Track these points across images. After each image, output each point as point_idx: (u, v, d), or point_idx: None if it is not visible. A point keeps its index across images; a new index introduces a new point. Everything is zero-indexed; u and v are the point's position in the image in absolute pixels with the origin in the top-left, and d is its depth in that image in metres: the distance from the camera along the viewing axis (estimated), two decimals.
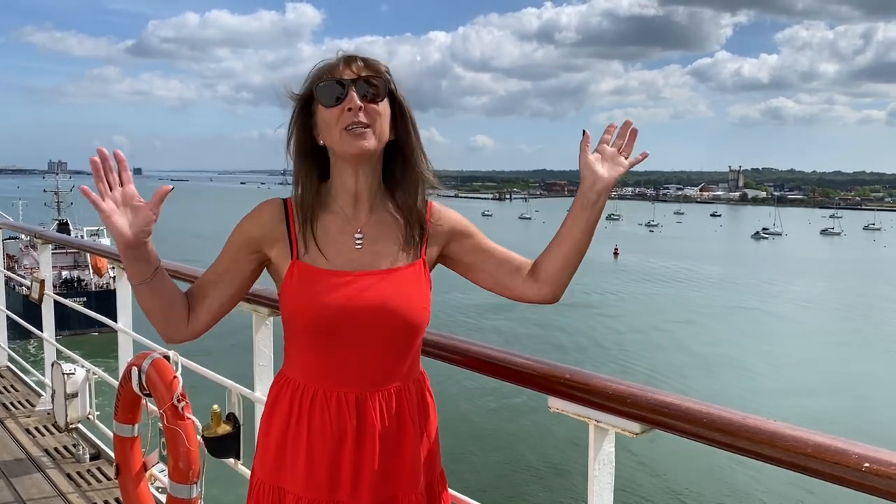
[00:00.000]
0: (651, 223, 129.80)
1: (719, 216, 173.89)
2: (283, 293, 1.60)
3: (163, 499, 3.06)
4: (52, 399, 4.34)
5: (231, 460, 2.70)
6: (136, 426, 3.10)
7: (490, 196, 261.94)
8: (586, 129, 1.58)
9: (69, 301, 5.72)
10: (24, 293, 5.07)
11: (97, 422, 4.19)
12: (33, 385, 5.40)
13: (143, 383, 2.80)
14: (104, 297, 33.77)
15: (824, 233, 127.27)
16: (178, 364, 2.85)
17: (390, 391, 1.60)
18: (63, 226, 46.03)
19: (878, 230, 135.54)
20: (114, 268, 4.48)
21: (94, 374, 4.26)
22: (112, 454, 3.44)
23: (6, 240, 7.01)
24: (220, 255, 1.66)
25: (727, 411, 1.35)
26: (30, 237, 6.36)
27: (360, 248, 1.60)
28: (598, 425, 1.56)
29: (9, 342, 5.95)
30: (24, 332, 5.74)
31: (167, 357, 2.84)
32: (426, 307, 1.61)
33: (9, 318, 5.72)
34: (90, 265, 40.76)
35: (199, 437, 2.69)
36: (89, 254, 32.17)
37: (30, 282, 5.02)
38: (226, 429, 2.57)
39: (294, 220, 1.61)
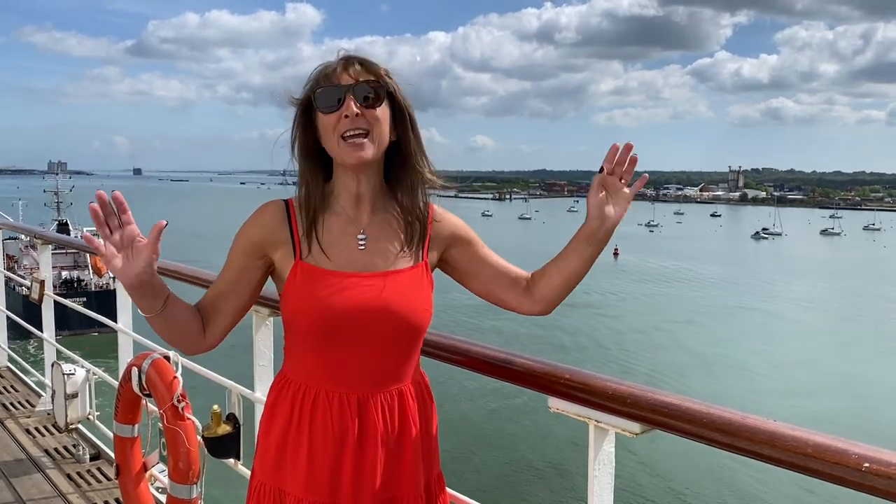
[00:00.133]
0: (651, 223, 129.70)
1: (719, 216, 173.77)
2: (286, 293, 1.60)
3: (163, 499, 3.06)
4: (52, 399, 4.34)
5: (231, 461, 2.70)
6: (137, 426, 3.10)
7: (490, 196, 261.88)
8: (605, 166, 1.56)
9: (69, 301, 5.72)
10: (24, 293, 5.07)
11: (97, 422, 4.19)
12: (33, 385, 5.40)
13: (144, 383, 2.80)
14: (104, 298, 33.78)
15: (824, 233, 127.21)
16: (178, 364, 2.85)
17: (392, 392, 1.60)
18: (63, 226, 45.98)
19: (878, 230, 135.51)
20: None
21: (94, 374, 4.26)
22: (112, 454, 3.44)
23: (6, 240, 7.02)
24: (227, 265, 1.65)
25: (727, 411, 1.35)
26: (30, 237, 6.36)
27: (363, 248, 1.60)
28: (598, 425, 1.56)
29: (9, 342, 5.96)
30: (24, 332, 5.74)
31: (167, 357, 2.85)
32: (428, 309, 1.61)
33: (9, 318, 5.72)
34: (90, 265, 40.72)
35: (199, 438, 2.69)
36: (89, 254, 32.14)
37: (30, 282, 5.02)
38: (226, 429, 2.57)
39: (296, 221, 1.61)
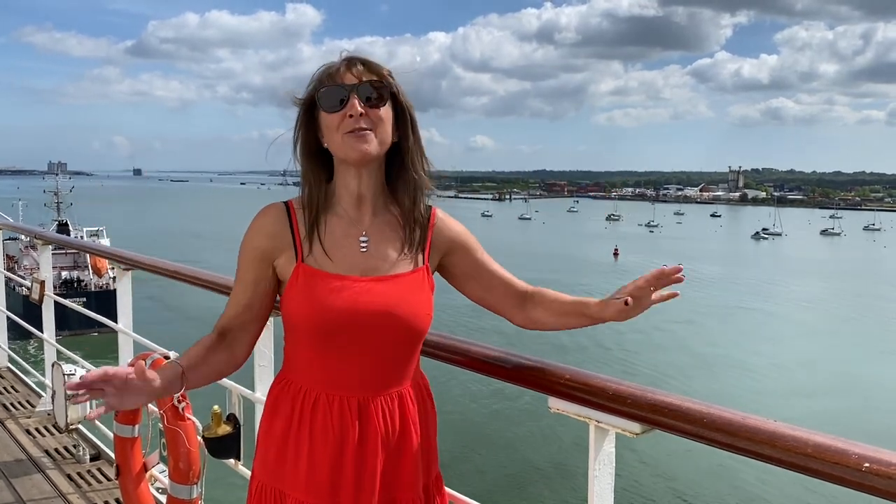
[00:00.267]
0: (651, 223, 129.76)
1: (719, 216, 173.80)
2: (286, 296, 1.59)
3: (163, 499, 3.06)
4: (53, 400, 4.34)
5: (231, 461, 2.70)
6: (137, 427, 3.10)
7: (490, 196, 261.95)
8: (642, 282, 1.52)
9: (69, 301, 5.72)
10: (24, 294, 5.07)
11: (97, 422, 4.19)
12: (33, 386, 5.40)
13: None
14: (104, 298, 33.78)
15: (824, 233, 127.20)
16: None
17: (392, 395, 1.60)
18: (63, 226, 45.99)
19: (878, 230, 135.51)
20: (113, 268, 4.48)
21: None
22: (112, 455, 3.45)
23: (6, 240, 7.01)
24: (239, 279, 1.64)
25: (727, 411, 1.35)
26: (30, 238, 6.36)
27: (364, 251, 1.59)
28: (598, 426, 1.56)
29: (9, 343, 5.96)
30: (25, 332, 5.74)
31: (167, 357, 2.84)
32: (429, 313, 1.61)
33: (9, 318, 5.72)
34: (90, 265, 40.73)
35: (199, 438, 2.69)
36: (89, 254, 32.17)
37: (30, 283, 5.02)
38: (226, 429, 2.57)
39: (297, 222, 1.60)
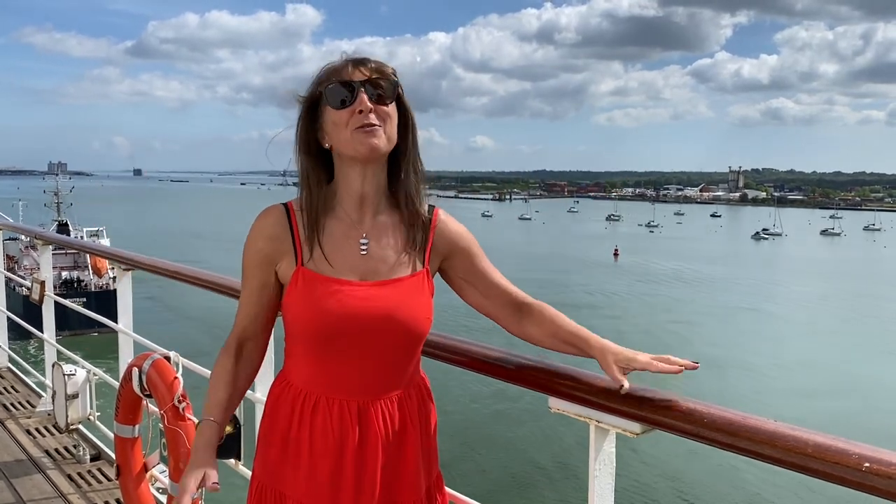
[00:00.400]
0: (651, 224, 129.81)
1: (719, 217, 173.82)
2: (286, 299, 1.58)
3: (163, 499, 3.06)
4: (53, 400, 4.34)
5: (231, 461, 2.70)
6: (137, 427, 3.10)
7: (490, 197, 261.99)
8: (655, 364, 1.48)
9: (69, 302, 5.72)
10: (25, 294, 5.07)
11: (98, 423, 4.19)
12: (34, 386, 5.40)
13: (144, 384, 2.80)
14: (104, 298, 33.80)
15: (824, 233, 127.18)
16: (179, 365, 2.85)
17: (392, 398, 1.60)
18: (63, 227, 46.00)
19: (879, 230, 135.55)
20: (113, 268, 4.48)
21: (95, 374, 4.26)
22: (113, 455, 3.45)
23: (6, 241, 7.01)
24: (246, 286, 1.64)
25: (728, 411, 1.34)
26: (30, 238, 6.37)
27: (364, 253, 1.58)
28: (598, 426, 1.55)
29: (9, 343, 5.96)
30: (25, 332, 5.74)
31: (168, 358, 2.85)
32: (428, 317, 1.60)
33: (9, 318, 5.72)
34: (90, 266, 40.75)
35: None
36: (89, 254, 32.18)
37: (30, 283, 5.02)
38: (226, 429, 2.57)
39: (297, 224, 1.58)
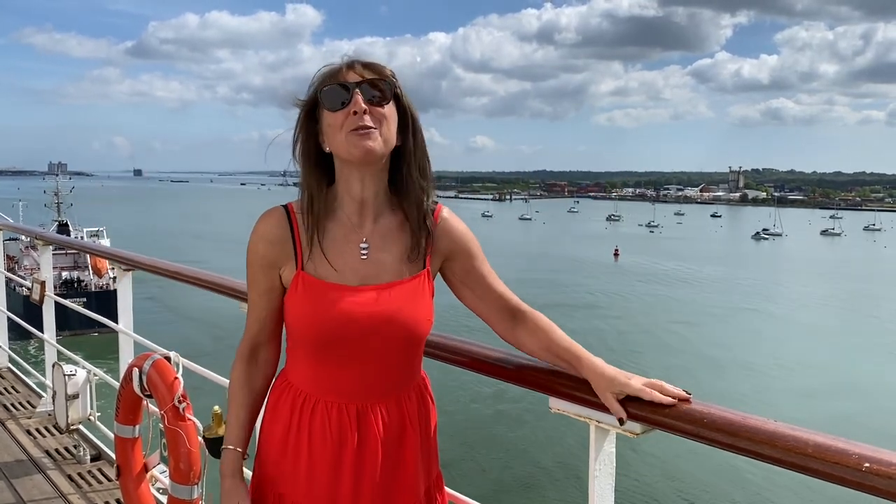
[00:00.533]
0: (651, 224, 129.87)
1: (720, 217, 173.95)
2: (288, 303, 1.58)
3: (164, 500, 3.06)
4: (53, 400, 4.34)
5: None
6: (137, 427, 3.09)
7: (490, 197, 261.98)
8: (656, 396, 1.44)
9: (69, 302, 5.72)
10: (25, 294, 5.08)
11: (98, 423, 4.19)
12: (34, 386, 5.40)
13: (144, 384, 2.80)
14: (104, 298, 33.83)
15: (825, 233, 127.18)
16: (179, 365, 2.84)
17: (392, 400, 1.60)
18: (63, 227, 46.04)
19: (879, 230, 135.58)
20: (113, 268, 4.48)
21: (95, 375, 4.26)
22: (113, 455, 3.44)
23: (6, 241, 7.02)
24: (252, 291, 1.63)
25: (728, 411, 1.35)
26: (30, 238, 6.37)
27: (365, 258, 1.57)
28: (598, 426, 1.55)
29: (9, 343, 5.96)
30: (25, 332, 5.74)
31: (168, 358, 2.84)
32: (429, 318, 1.60)
33: (9, 318, 5.72)
34: (90, 266, 40.76)
35: (200, 438, 2.68)
36: (89, 255, 32.17)
37: (30, 283, 5.02)
38: (225, 431, 2.57)
39: (298, 227, 1.58)
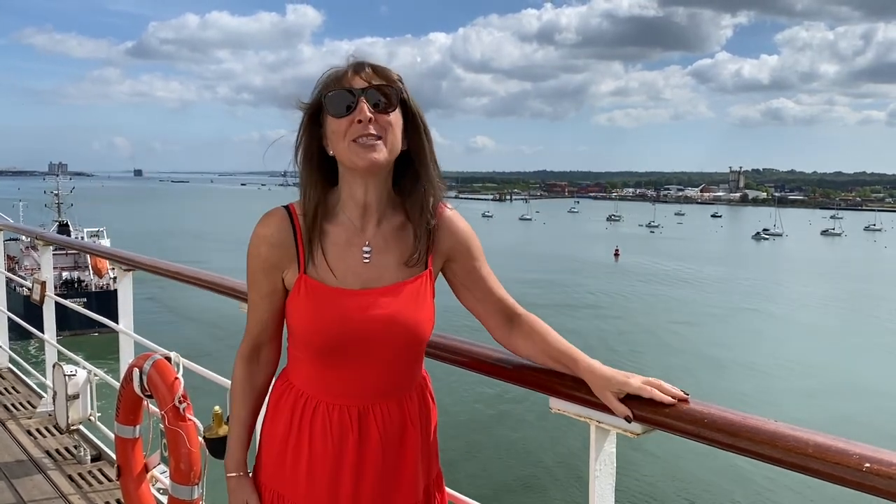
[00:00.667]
0: (652, 224, 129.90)
1: (720, 217, 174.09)
2: (289, 305, 1.57)
3: (164, 500, 3.06)
4: (54, 400, 4.34)
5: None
6: (138, 427, 3.09)
7: (490, 197, 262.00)
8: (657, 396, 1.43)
9: (70, 302, 5.72)
10: (25, 294, 5.08)
11: (98, 423, 4.19)
12: (34, 387, 5.40)
13: (145, 384, 2.80)
14: (104, 298, 33.85)
15: (825, 233, 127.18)
16: (180, 365, 2.85)
17: (392, 401, 1.60)
18: (63, 227, 46.05)
19: (879, 231, 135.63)
20: (114, 269, 4.48)
21: (96, 375, 4.26)
22: (113, 455, 3.45)
23: (7, 241, 7.02)
24: (253, 292, 1.62)
25: (728, 412, 1.34)
26: (30, 239, 6.37)
27: (367, 261, 1.56)
28: (599, 426, 1.55)
29: (10, 343, 5.96)
30: (25, 332, 5.74)
31: (168, 358, 2.85)
32: (431, 319, 1.59)
33: (10, 319, 5.72)
34: (90, 266, 40.77)
35: (200, 439, 2.69)
36: (89, 255, 32.18)
37: (31, 283, 5.02)
38: (227, 430, 2.57)
39: (300, 229, 1.56)
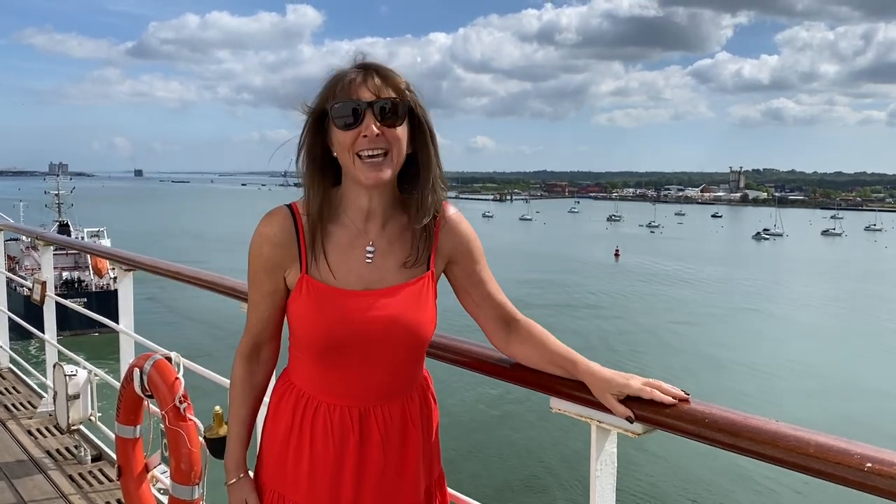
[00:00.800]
0: (652, 224, 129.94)
1: (720, 217, 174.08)
2: (291, 306, 1.57)
3: (164, 500, 3.06)
4: (54, 400, 4.34)
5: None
6: (138, 427, 3.09)
7: (491, 197, 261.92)
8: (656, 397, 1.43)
9: (70, 302, 5.72)
10: (26, 294, 5.08)
11: (99, 423, 4.19)
12: (35, 387, 5.40)
13: (145, 384, 2.80)
14: (105, 298, 33.86)
15: (825, 233, 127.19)
16: (180, 365, 2.84)
17: (394, 402, 1.59)
18: (64, 227, 46.06)
19: (880, 231, 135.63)
20: (114, 269, 4.48)
21: (96, 375, 4.26)
22: (114, 455, 3.45)
23: (7, 241, 7.02)
24: (254, 291, 1.62)
25: (729, 411, 1.34)
26: (31, 239, 6.37)
27: (370, 262, 1.55)
28: (600, 426, 1.55)
29: (10, 343, 5.96)
30: (26, 332, 5.74)
31: (169, 358, 2.84)
32: (432, 321, 1.59)
33: (10, 319, 5.72)
34: (90, 266, 40.78)
35: (200, 439, 2.68)
36: (90, 255, 32.19)
37: (31, 283, 5.02)
38: (226, 429, 2.57)
39: (303, 229, 1.55)
